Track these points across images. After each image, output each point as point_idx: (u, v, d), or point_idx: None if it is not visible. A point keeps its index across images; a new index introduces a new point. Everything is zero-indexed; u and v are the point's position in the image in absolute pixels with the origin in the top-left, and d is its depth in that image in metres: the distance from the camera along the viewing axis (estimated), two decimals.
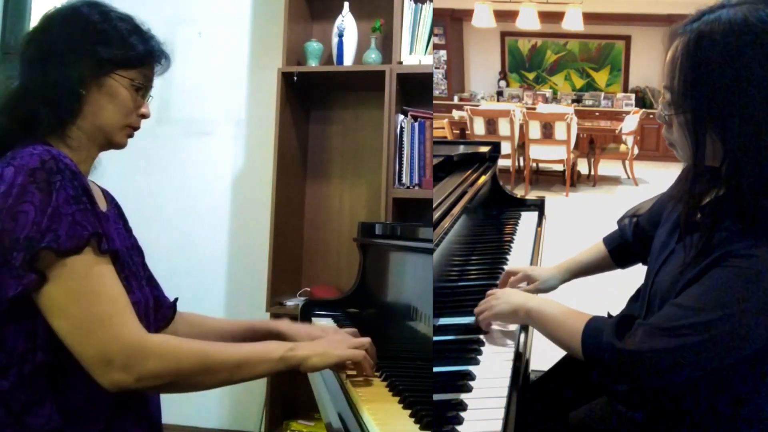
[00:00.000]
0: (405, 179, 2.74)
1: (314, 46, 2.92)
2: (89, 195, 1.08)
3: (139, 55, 1.22)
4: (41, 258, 1.01)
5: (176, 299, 1.44)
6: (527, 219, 2.18)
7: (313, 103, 3.14)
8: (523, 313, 1.26)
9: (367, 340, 1.29)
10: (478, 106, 6.75)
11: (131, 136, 1.27)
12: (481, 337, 1.31)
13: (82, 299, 1.02)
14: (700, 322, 0.96)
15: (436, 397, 1.07)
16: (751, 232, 0.96)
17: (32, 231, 1.00)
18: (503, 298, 1.31)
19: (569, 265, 1.62)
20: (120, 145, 1.26)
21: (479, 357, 1.22)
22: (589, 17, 6.80)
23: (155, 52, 1.26)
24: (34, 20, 3.28)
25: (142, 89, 1.25)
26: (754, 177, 0.94)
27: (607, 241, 1.59)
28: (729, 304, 0.95)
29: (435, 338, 1.28)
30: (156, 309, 1.34)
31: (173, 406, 3.07)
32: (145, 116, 1.27)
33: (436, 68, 7.52)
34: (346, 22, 2.89)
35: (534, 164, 6.12)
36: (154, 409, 1.23)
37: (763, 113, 0.91)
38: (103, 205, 1.27)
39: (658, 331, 0.99)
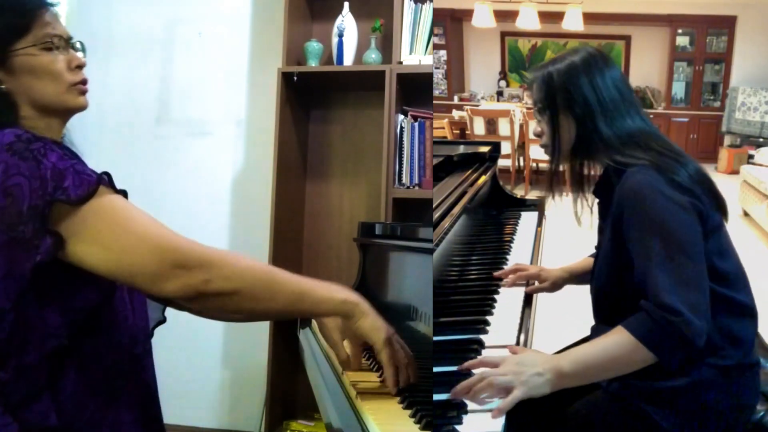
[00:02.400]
0: (405, 179, 2.74)
1: (314, 46, 2.92)
2: (78, 157, 1.05)
3: (23, 14, 1.11)
4: (54, 216, 0.99)
5: None
6: (527, 219, 2.18)
7: (313, 103, 3.14)
8: (556, 379, 1.10)
9: (409, 355, 1.16)
10: (478, 106, 6.75)
11: (84, 92, 1.18)
12: (481, 337, 1.31)
13: (120, 229, 1.00)
14: (665, 253, 1.14)
15: (436, 397, 1.06)
16: (618, 177, 1.27)
17: (34, 199, 0.98)
18: (516, 373, 1.08)
19: (571, 268, 1.64)
20: (79, 107, 1.18)
21: (479, 357, 1.22)
22: (589, 17, 6.79)
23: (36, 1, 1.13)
24: None
25: (57, 43, 1.14)
26: (598, 144, 1.33)
27: None
28: (652, 225, 1.17)
29: (435, 338, 1.28)
30: None
31: (173, 406, 3.07)
32: (81, 66, 1.17)
33: (436, 68, 7.52)
34: (346, 22, 2.90)
35: (534, 164, 6.12)
36: (154, 392, 1.21)
37: (594, 103, 1.32)
38: None
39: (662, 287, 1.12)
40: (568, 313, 1.57)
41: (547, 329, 1.30)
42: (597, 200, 1.44)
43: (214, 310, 1.14)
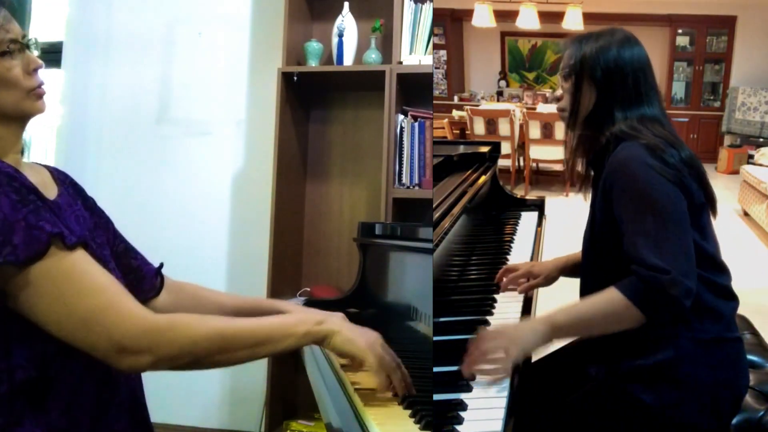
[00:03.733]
0: (405, 179, 2.74)
1: (314, 46, 2.92)
2: (35, 192, 1.02)
3: None
4: (1, 274, 0.95)
5: (161, 265, 1.38)
6: (527, 219, 2.18)
7: (313, 103, 3.14)
8: (550, 331, 1.19)
9: (397, 360, 1.13)
10: (478, 106, 6.75)
11: (42, 95, 1.13)
12: None
13: (69, 299, 0.97)
14: (653, 222, 1.19)
15: (436, 397, 1.07)
16: (615, 148, 1.32)
17: None
18: (510, 335, 1.18)
19: (565, 259, 1.65)
20: (36, 112, 1.13)
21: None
22: (589, 17, 6.79)
23: None
24: (35, 21, 3.28)
25: (12, 47, 1.09)
26: (607, 119, 1.38)
27: None
28: (639, 196, 1.24)
29: (435, 338, 1.28)
30: (138, 281, 1.30)
31: (173, 406, 3.07)
32: (37, 69, 1.12)
33: (436, 68, 7.52)
34: (346, 22, 2.89)
35: (534, 164, 6.12)
36: (140, 396, 1.20)
37: (617, 80, 1.38)
38: (53, 190, 1.18)
39: (649, 249, 1.17)
40: None
41: None
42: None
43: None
